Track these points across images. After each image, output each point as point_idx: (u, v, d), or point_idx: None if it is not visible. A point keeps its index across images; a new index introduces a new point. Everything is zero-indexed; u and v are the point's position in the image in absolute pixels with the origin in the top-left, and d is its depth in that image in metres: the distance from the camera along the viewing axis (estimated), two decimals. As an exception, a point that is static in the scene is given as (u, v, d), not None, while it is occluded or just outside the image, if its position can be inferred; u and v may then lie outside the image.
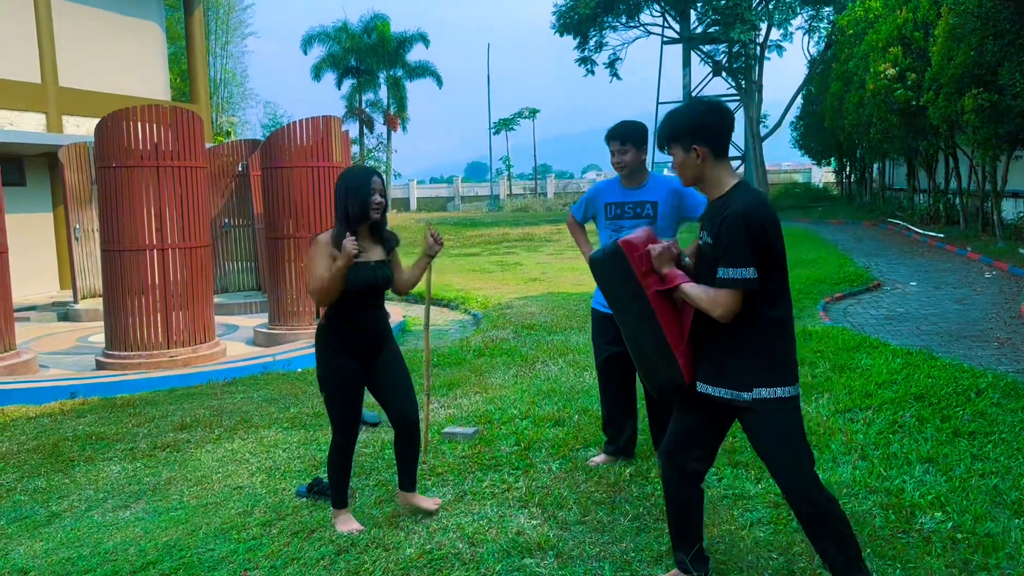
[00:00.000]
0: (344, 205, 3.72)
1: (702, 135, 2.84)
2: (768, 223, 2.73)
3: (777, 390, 2.79)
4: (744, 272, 2.69)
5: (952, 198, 19.70)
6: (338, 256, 3.66)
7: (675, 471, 3.03)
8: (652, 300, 2.89)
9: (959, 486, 3.91)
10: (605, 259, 2.98)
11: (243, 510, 4.14)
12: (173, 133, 8.77)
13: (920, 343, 7.73)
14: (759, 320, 2.78)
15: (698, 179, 2.91)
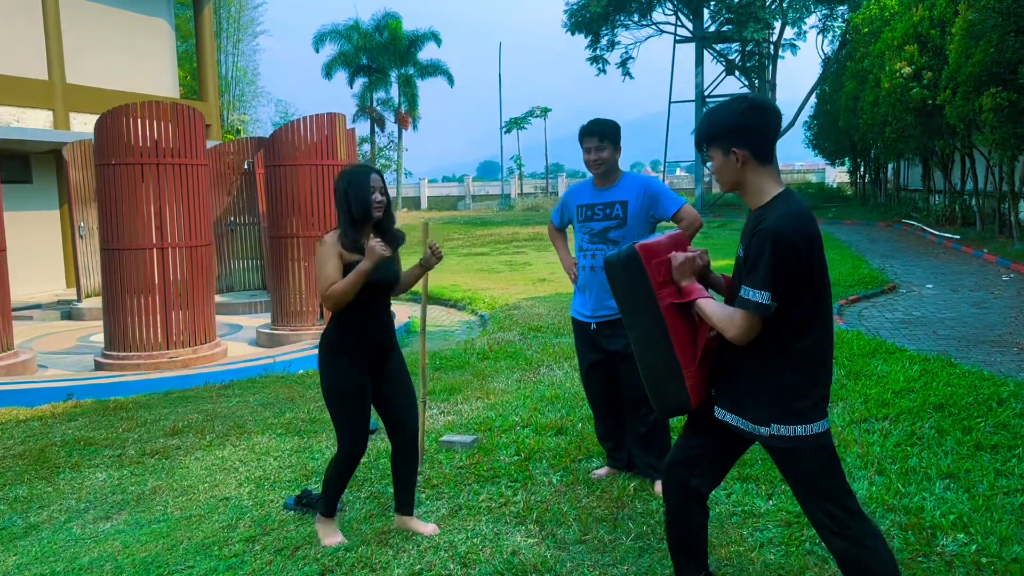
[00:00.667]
0: (347, 207, 3.56)
1: (743, 137, 2.56)
2: (802, 242, 2.45)
3: (797, 428, 2.52)
4: (759, 295, 2.44)
5: (968, 199, 19.37)
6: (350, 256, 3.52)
7: (676, 486, 2.81)
8: (665, 313, 2.65)
9: (983, 505, 3.69)
10: (619, 263, 2.73)
11: (227, 524, 3.96)
12: (174, 130, 8.62)
13: (937, 348, 7.49)
14: (783, 350, 2.52)
15: (738, 185, 2.63)
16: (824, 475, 2.56)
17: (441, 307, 12.59)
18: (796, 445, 2.53)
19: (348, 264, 3.55)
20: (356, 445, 3.64)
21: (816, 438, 2.53)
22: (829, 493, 2.54)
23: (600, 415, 4.47)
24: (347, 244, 3.55)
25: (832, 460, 2.57)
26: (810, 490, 2.57)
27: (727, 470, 2.87)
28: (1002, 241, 15.49)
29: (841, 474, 2.58)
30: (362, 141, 43.61)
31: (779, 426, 2.53)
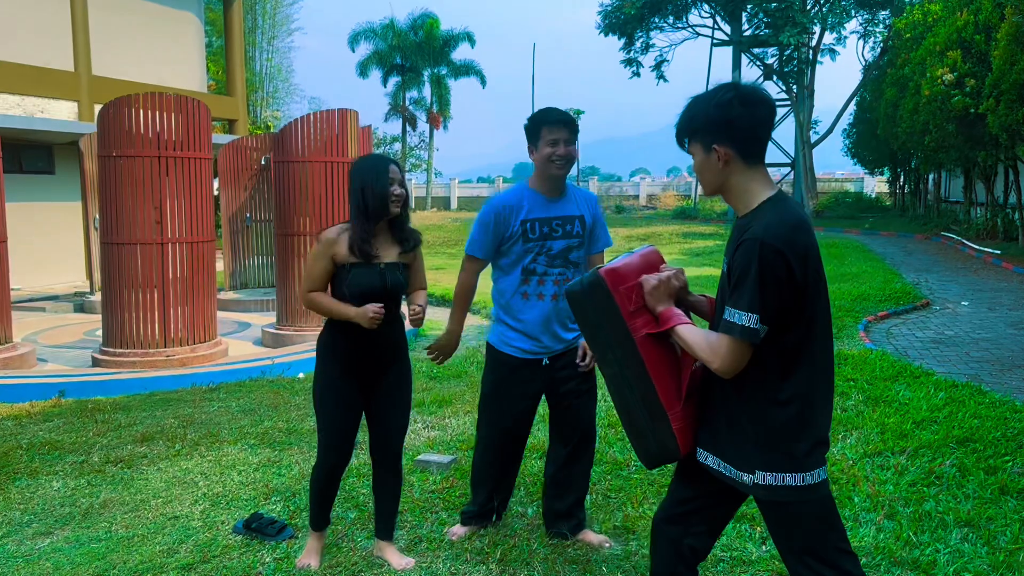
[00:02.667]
0: (361, 200, 3.24)
1: (727, 132, 2.17)
2: (794, 255, 2.06)
3: (786, 477, 2.12)
4: (744, 318, 2.06)
5: (1011, 213, 18.61)
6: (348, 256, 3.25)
7: (667, 548, 2.39)
8: (641, 346, 2.25)
9: (1004, 561, 3.26)
10: (583, 292, 2.32)
11: (169, 547, 3.65)
12: (178, 122, 8.41)
13: (969, 372, 7.00)
14: (771, 383, 2.13)
15: (721, 188, 2.25)
16: (817, 534, 2.16)
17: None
18: (784, 497, 2.13)
19: (342, 265, 3.25)
20: (333, 458, 3.36)
21: (809, 490, 2.13)
22: (824, 555, 2.15)
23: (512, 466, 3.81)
24: (355, 241, 3.23)
25: (829, 516, 2.17)
26: (801, 550, 2.17)
27: (725, 524, 2.45)
28: (1045, 258, 14.81)
29: (840, 533, 2.18)
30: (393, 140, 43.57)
31: (765, 474, 2.13)
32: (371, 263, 3.25)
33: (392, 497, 3.47)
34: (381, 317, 3.17)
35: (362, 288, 3.23)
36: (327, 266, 3.26)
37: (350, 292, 3.22)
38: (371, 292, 3.24)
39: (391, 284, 3.28)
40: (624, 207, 38.96)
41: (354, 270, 3.23)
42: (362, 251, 3.23)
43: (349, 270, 3.23)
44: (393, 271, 3.30)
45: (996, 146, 15.35)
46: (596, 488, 4.21)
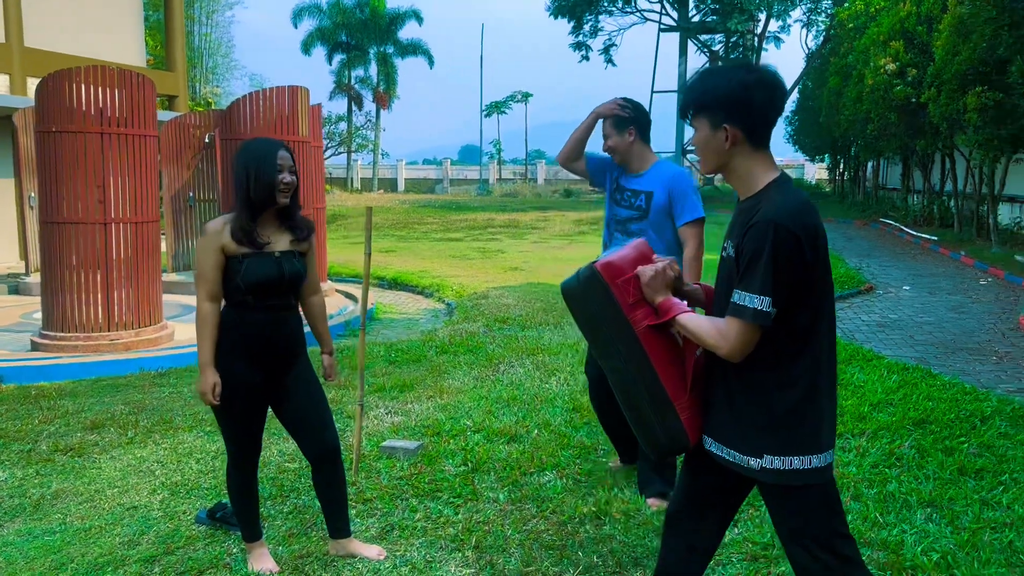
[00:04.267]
0: (245, 187, 3.03)
1: (740, 113, 2.11)
2: (806, 236, 2.04)
3: (794, 460, 2.11)
4: (757, 301, 2.03)
5: (947, 200, 19.19)
6: (237, 248, 3.03)
7: (681, 539, 2.39)
8: (643, 338, 2.22)
9: (968, 540, 3.34)
10: (579, 287, 2.28)
11: (129, 538, 3.52)
12: (121, 98, 8.09)
13: (915, 354, 7.19)
14: (778, 366, 2.12)
15: (723, 168, 2.21)
16: (820, 518, 2.15)
17: (408, 293, 12.17)
18: (791, 481, 2.12)
19: (232, 257, 3.03)
20: (240, 455, 3.19)
21: (815, 473, 2.12)
22: (825, 539, 2.15)
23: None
24: (237, 234, 3.03)
25: (833, 501, 2.17)
26: (801, 534, 2.17)
27: (734, 514, 2.44)
28: (980, 244, 15.29)
29: (841, 517, 2.18)
30: (339, 119, 42.85)
31: (772, 458, 2.12)
32: (264, 252, 3.05)
33: (339, 494, 3.29)
34: (212, 402, 3.04)
35: (258, 279, 3.02)
36: (217, 260, 3.03)
37: (245, 285, 3.02)
38: (268, 283, 3.04)
39: (289, 274, 3.09)
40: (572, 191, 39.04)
41: (247, 261, 3.02)
42: (248, 239, 3.02)
43: (242, 261, 3.02)
44: (290, 260, 3.11)
45: (936, 135, 15.76)
46: (566, 473, 4.19)
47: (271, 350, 3.12)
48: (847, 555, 2.16)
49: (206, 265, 3.05)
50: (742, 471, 2.19)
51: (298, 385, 3.20)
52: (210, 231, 3.07)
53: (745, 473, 2.18)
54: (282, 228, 3.15)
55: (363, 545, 3.34)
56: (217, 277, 3.06)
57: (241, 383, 3.08)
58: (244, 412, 3.13)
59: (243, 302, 3.07)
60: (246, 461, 3.22)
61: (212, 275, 3.05)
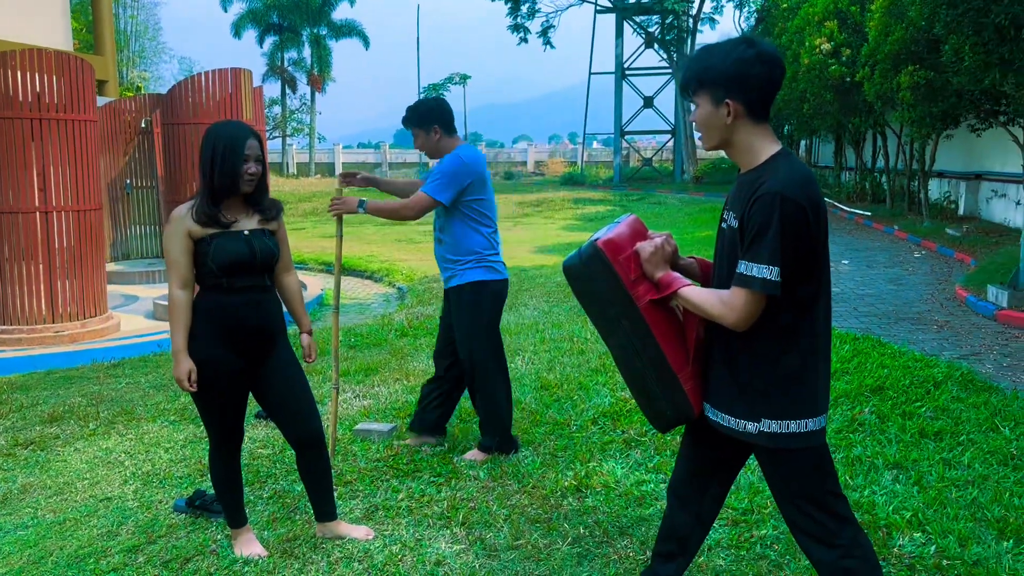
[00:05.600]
0: (211, 177, 2.97)
1: (740, 87, 2.14)
2: (811, 207, 2.08)
3: (791, 424, 2.17)
4: (765, 271, 2.07)
5: (879, 176, 19.79)
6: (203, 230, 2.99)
7: (685, 509, 2.47)
8: (645, 313, 2.25)
9: (935, 498, 3.49)
10: (583, 265, 2.29)
11: (107, 529, 3.45)
12: (59, 82, 7.80)
13: (860, 326, 7.43)
14: (779, 333, 2.17)
15: (725, 144, 2.24)
16: (815, 480, 2.23)
17: (357, 278, 12.05)
18: (788, 444, 2.19)
19: (200, 240, 2.98)
20: (222, 442, 3.15)
21: (811, 436, 2.20)
22: (820, 498, 2.22)
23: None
24: (201, 217, 2.97)
25: (826, 463, 2.25)
26: (796, 495, 2.24)
27: (733, 481, 2.52)
28: (912, 218, 15.82)
29: (834, 477, 2.26)
30: (272, 103, 41.98)
31: (770, 422, 2.18)
32: (231, 231, 3.01)
33: (325, 475, 3.28)
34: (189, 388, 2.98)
35: (229, 258, 2.96)
36: (185, 245, 2.98)
37: (217, 265, 2.96)
38: (239, 262, 2.99)
39: (260, 251, 3.04)
40: (513, 173, 39.07)
41: (215, 241, 2.96)
42: (210, 218, 2.97)
43: (210, 242, 2.96)
44: (260, 238, 3.06)
45: (870, 112, 16.22)
46: (541, 449, 4.24)
47: (249, 333, 3.07)
48: (841, 513, 2.24)
49: (175, 251, 3.00)
50: (740, 436, 2.25)
51: (279, 371, 3.16)
52: (175, 217, 3.02)
53: (743, 439, 2.24)
54: (249, 209, 3.11)
55: (351, 526, 3.34)
56: (187, 262, 3.01)
57: (221, 369, 3.03)
58: (225, 398, 3.08)
59: (217, 285, 3.02)
60: (228, 448, 3.18)
61: (182, 260, 3.00)
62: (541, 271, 11.07)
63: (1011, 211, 13.88)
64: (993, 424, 4.35)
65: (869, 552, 2.24)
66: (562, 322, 7.39)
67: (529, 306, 8.40)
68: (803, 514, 2.24)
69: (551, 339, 6.74)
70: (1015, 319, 7.40)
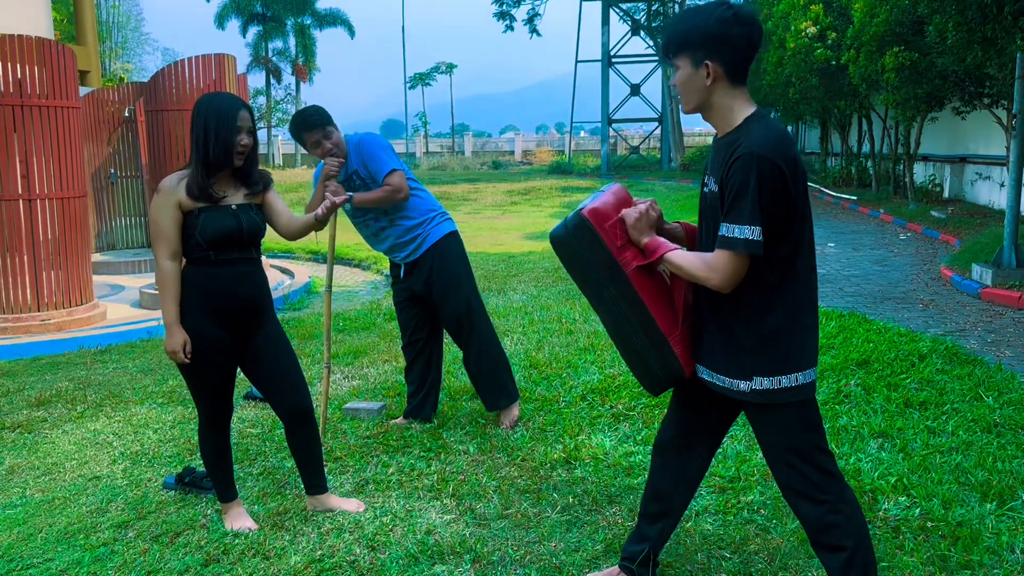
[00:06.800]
0: (203, 147, 2.96)
1: (720, 49, 2.17)
2: (787, 165, 2.10)
3: (782, 379, 2.20)
4: (747, 231, 2.10)
5: (864, 161, 19.88)
6: (193, 203, 2.97)
7: (671, 466, 2.51)
8: (633, 279, 2.30)
9: (920, 464, 3.53)
10: (569, 234, 2.32)
11: (97, 507, 3.44)
12: (41, 70, 7.74)
13: (846, 305, 7.48)
14: (765, 292, 2.20)
15: (703, 106, 2.26)
16: (805, 433, 2.26)
17: (344, 267, 12.04)
18: (779, 399, 2.22)
19: (189, 212, 2.98)
20: (211, 418, 3.15)
21: (802, 390, 2.23)
22: (808, 453, 2.26)
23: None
24: (193, 190, 2.97)
25: (814, 417, 2.30)
26: (786, 449, 2.27)
27: (720, 440, 2.56)
28: (897, 202, 15.91)
29: (821, 433, 2.30)
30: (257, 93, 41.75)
31: (761, 379, 2.22)
32: (220, 206, 3.01)
33: (314, 451, 3.29)
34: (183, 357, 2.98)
35: (217, 232, 2.97)
36: (175, 216, 2.97)
37: (204, 238, 2.96)
38: (226, 236, 2.99)
39: (247, 226, 3.04)
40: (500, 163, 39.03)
41: (204, 215, 2.97)
42: (203, 192, 2.97)
43: (198, 215, 2.97)
44: (247, 212, 3.06)
45: (855, 96, 16.28)
46: (530, 424, 4.26)
47: (236, 306, 3.07)
48: (828, 469, 2.27)
49: (163, 223, 2.99)
50: (733, 395, 2.28)
51: (268, 345, 3.17)
52: (165, 188, 3.01)
53: (736, 397, 2.27)
54: (238, 183, 3.11)
55: (341, 499, 3.35)
56: (176, 234, 3.00)
57: (209, 343, 3.03)
58: (214, 372, 3.08)
59: (204, 258, 3.02)
60: (218, 422, 3.18)
61: (171, 232, 2.99)
62: (529, 257, 11.08)
63: (995, 193, 13.98)
64: (977, 394, 4.40)
65: (856, 509, 2.28)
66: (550, 305, 7.40)
67: (518, 291, 8.41)
68: (793, 470, 2.27)
69: (540, 320, 6.76)
70: (999, 297, 7.46)
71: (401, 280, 4.32)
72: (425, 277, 4.20)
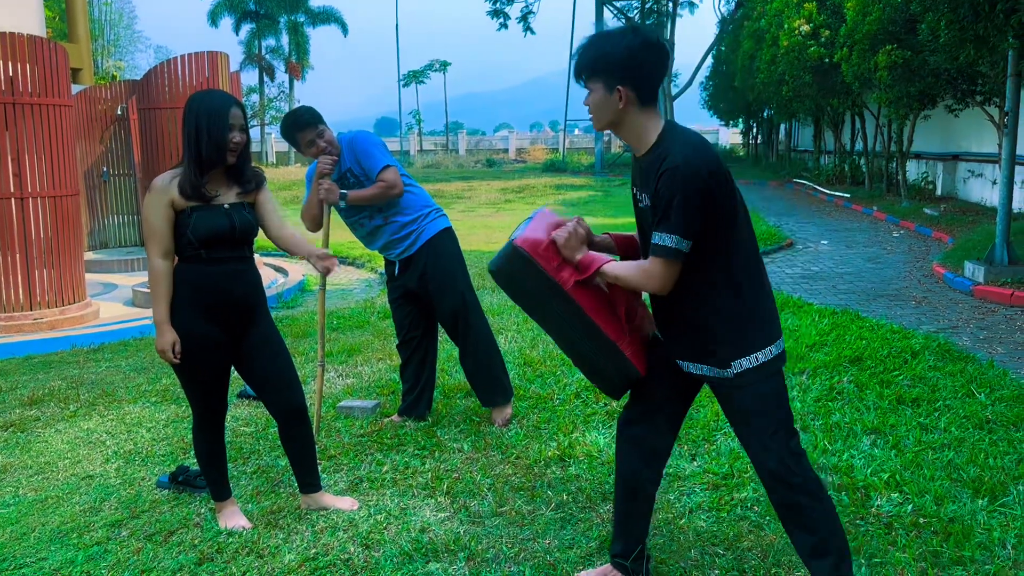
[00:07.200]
0: (195, 146, 2.95)
1: (630, 75, 2.28)
2: (710, 171, 2.23)
3: (758, 356, 2.32)
4: (671, 240, 2.22)
5: (857, 159, 19.93)
6: (186, 202, 2.97)
7: (631, 445, 2.59)
8: (574, 294, 2.41)
9: (912, 461, 3.55)
10: (508, 265, 2.46)
11: (90, 506, 3.44)
12: (33, 67, 7.70)
13: (839, 302, 7.50)
14: (715, 282, 2.31)
15: (614, 126, 2.38)
16: (777, 407, 2.38)
17: (339, 264, 12.00)
18: (758, 376, 2.33)
19: (182, 212, 2.97)
20: (205, 417, 3.14)
21: (774, 363, 2.36)
22: (779, 430, 2.36)
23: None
24: (185, 189, 2.96)
25: (784, 389, 2.41)
26: (762, 428, 2.37)
27: (681, 420, 2.65)
28: (890, 199, 15.96)
29: (789, 412, 2.41)
30: (250, 91, 41.64)
31: (741, 360, 2.32)
32: (212, 205, 3.00)
33: (308, 450, 3.28)
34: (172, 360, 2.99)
35: (209, 231, 2.96)
36: (167, 215, 2.96)
37: (196, 237, 2.95)
38: (219, 235, 2.98)
39: (240, 225, 3.03)
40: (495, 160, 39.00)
41: (196, 214, 2.96)
42: (196, 191, 2.96)
43: (190, 214, 2.96)
44: (240, 211, 3.05)
45: (848, 94, 16.32)
46: (524, 422, 4.26)
47: (229, 304, 3.06)
48: (799, 451, 2.39)
49: (155, 222, 2.98)
50: (721, 384, 2.38)
51: (262, 344, 3.16)
52: (157, 187, 2.99)
53: (723, 382, 2.37)
54: (230, 181, 3.10)
55: (335, 498, 3.34)
56: (168, 232, 3.00)
57: (202, 341, 3.02)
58: (207, 370, 3.08)
59: (196, 256, 3.01)
60: (212, 421, 3.17)
61: (163, 231, 2.98)
62: (523, 254, 11.06)
63: (987, 190, 14.03)
64: (969, 391, 4.42)
65: (825, 493, 2.39)
66: (544, 302, 7.40)
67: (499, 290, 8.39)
68: (766, 449, 2.36)
69: (533, 318, 6.75)
70: (991, 294, 7.49)
71: (396, 277, 4.32)
72: (420, 273, 4.19)
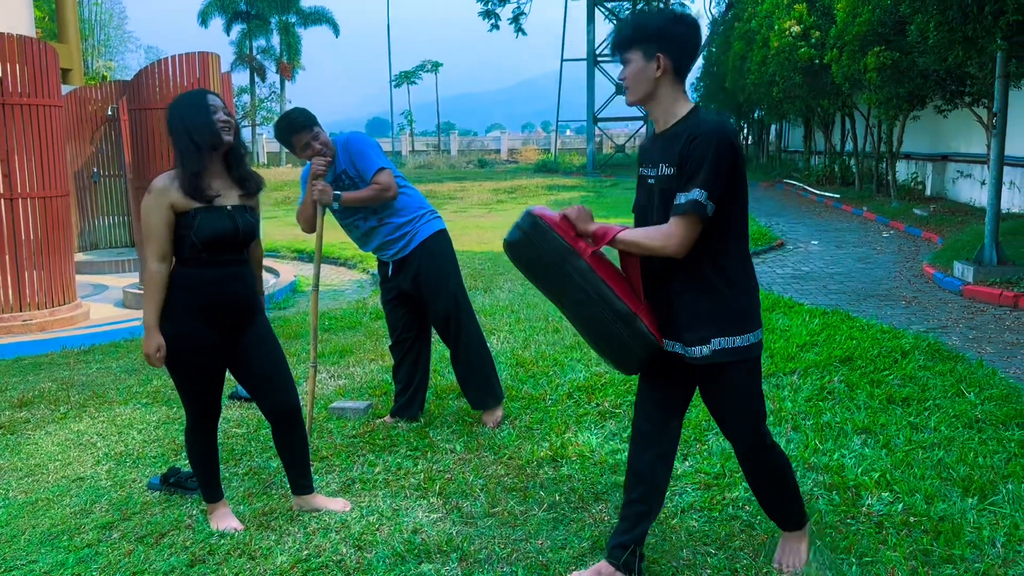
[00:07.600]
0: (187, 138, 2.95)
1: (671, 44, 2.41)
2: (737, 146, 2.38)
3: (737, 339, 2.42)
4: (698, 194, 2.32)
5: (847, 160, 20.00)
6: (187, 203, 2.95)
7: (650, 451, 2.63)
8: (592, 263, 2.45)
9: (902, 460, 3.56)
10: (524, 236, 2.47)
11: (80, 508, 3.42)
12: (22, 67, 7.67)
13: (830, 302, 7.53)
14: (715, 258, 2.41)
15: (648, 97, 2.47)
16: (749, 397, 2.50)
17: (330, 265, 11.99)
18: (734, 358, 2.43)
19: (183, 213, 2.96)
20: (199, 418, 3.14)
21: (752, 348, 2.46)
22: (753, 413, 2.51)
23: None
24: (186, 186, 2.95)
25: (757, 375, 2.51)
26: (739, 412, 2.51)
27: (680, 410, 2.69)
28: (880, 200, 16.03)
29: (762, 399, 2.56)
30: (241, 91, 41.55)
31: (720, 339, 2.41)
32: (216, 206, 2.99)
33: (301, 451, 3.29)
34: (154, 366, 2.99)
35: (214, 234, 2.95)
36: (167, 217, 2.94)
37: (199, 239, 2.93)
38: (222, 237, 2.97)
39: (243, 227, 3.03)
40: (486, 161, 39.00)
41: (200, 215, 2.94)
42: (197, 189, 2.94)
43: (195, 216, 2.94)
44: (242, 214, 3.05)
45: (838, 95, 16.38)
46: (517, 423, 4.26)
47: (227, 307, 3.06)
48: (763, 433, 2.53)
49: (155, 223, 2.96)
50: (694, 361, 2.45)
51: (258, 344, 3.16)
52: (157, 188, 2.97)
53: (697, 362, 2.44)
54: (231, 181, 3.09)
55: (327, 499, 3.34)
56: (168, 235, 2.98)
57: (199, 343, 3.01)
58: (202, 373, 3.07)
59: (195, 259, 3.00)
60: (206, 422, 3.17)
61: (162, 233, 2.96)
62: (515, 255, 11.07)
63: (976, 191, 14.11)
64: (959, 390, 4.45)
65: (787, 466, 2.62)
66: (537, 303, 7.41)
67: (504, 289, 8.42)
68: (738, 432, 2.53)
69: (526, 319, 6.77)
70: (980, 294, 7.54)
71: (389, 278, 4.32)
72: (413, 275, 4.19)
